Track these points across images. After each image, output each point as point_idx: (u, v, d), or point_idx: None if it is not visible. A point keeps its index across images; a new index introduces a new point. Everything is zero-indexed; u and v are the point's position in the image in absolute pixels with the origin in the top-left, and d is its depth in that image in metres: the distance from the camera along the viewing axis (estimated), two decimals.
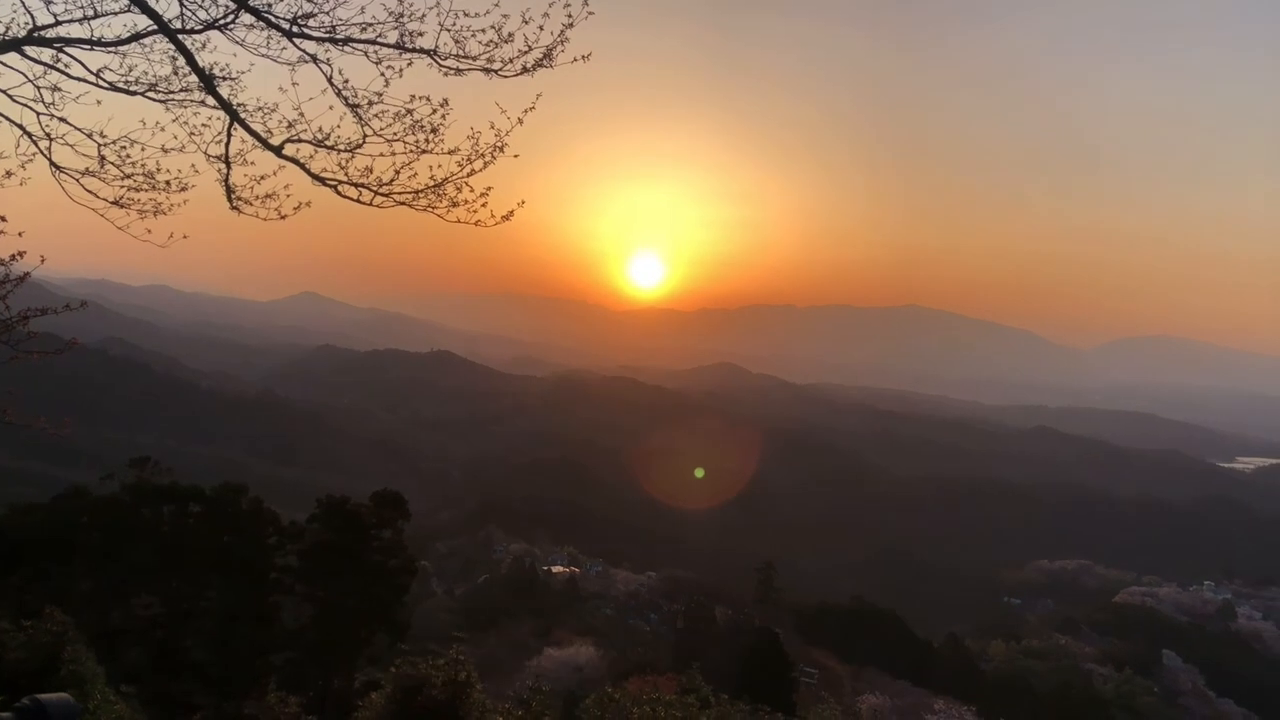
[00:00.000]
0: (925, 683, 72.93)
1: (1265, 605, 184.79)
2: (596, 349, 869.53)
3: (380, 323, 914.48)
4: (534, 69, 8.97)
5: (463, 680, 13.19)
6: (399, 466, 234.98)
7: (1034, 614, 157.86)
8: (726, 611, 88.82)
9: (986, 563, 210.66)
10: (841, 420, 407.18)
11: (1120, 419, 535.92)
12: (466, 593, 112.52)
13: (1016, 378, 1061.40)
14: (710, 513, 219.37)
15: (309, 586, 37.20)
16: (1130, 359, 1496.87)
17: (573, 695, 21.39)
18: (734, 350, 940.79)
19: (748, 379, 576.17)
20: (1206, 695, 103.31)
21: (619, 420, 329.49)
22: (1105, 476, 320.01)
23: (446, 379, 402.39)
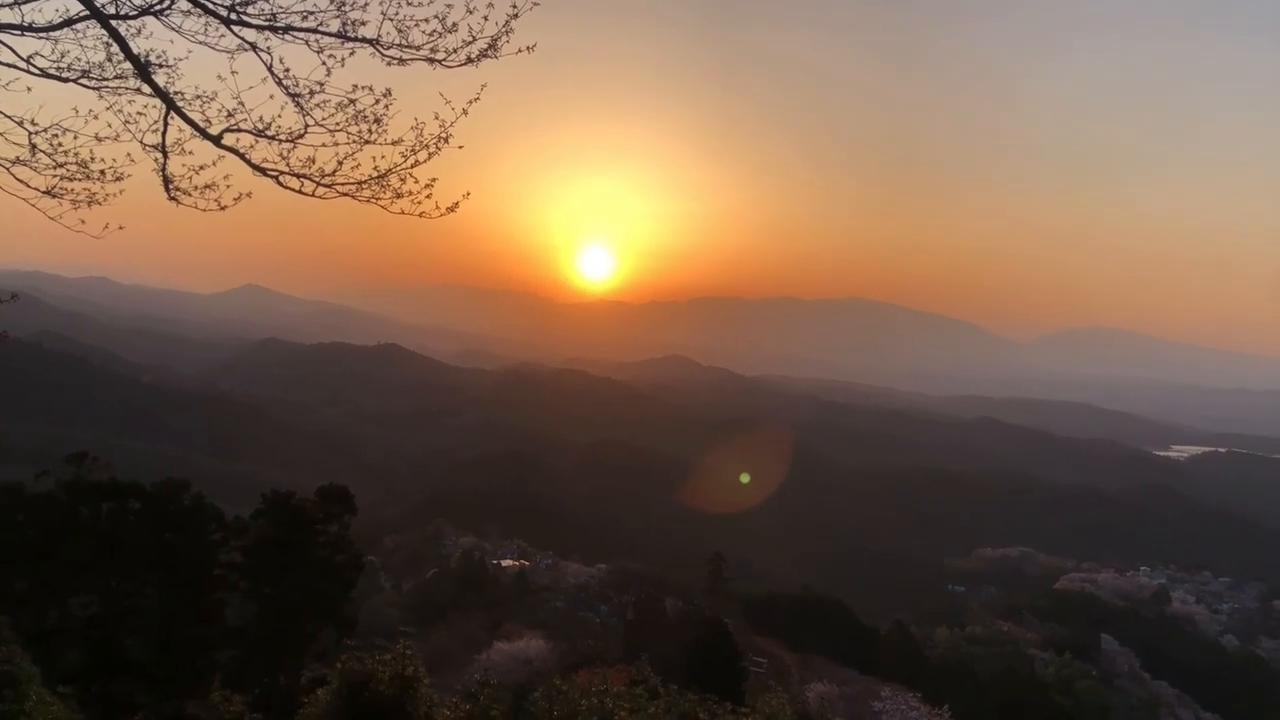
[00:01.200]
0: (872, 670, 73.95)
1: (1198, 589, 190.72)
2: (546, 342, 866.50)
3: (326, 316, 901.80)
4: (479, 59, 8.91)
5: (410, 675, 13.10)
6: (345, 461, 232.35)
7: (978, 601, 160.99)
8: (676, 603, 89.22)
9: (932, 551, 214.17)
10: (792, 412, 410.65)
11: (1059, 409, 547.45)
12: (415, 587, 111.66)
13: (959, 369, 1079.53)
14: (660, 504, 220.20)
15: (253, 583, 36.69)
16: (1068, 350, 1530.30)
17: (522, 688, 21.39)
18: (684, 342, 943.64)
19: (698, 371, 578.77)
20: (1142, 677, 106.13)
21: (569, 413, 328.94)
22: (1046, 465, 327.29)
23: (394, 373, 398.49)
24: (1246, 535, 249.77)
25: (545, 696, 13.82)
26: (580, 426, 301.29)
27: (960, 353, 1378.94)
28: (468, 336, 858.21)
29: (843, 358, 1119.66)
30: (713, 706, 17.57)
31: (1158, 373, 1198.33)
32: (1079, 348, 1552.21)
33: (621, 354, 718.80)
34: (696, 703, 18.00)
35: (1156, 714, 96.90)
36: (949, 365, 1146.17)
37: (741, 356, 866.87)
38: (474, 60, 8.93)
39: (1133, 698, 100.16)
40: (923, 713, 51.34)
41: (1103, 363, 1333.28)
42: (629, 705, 14.61)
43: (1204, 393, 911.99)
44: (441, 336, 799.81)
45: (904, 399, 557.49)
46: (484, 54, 8.90)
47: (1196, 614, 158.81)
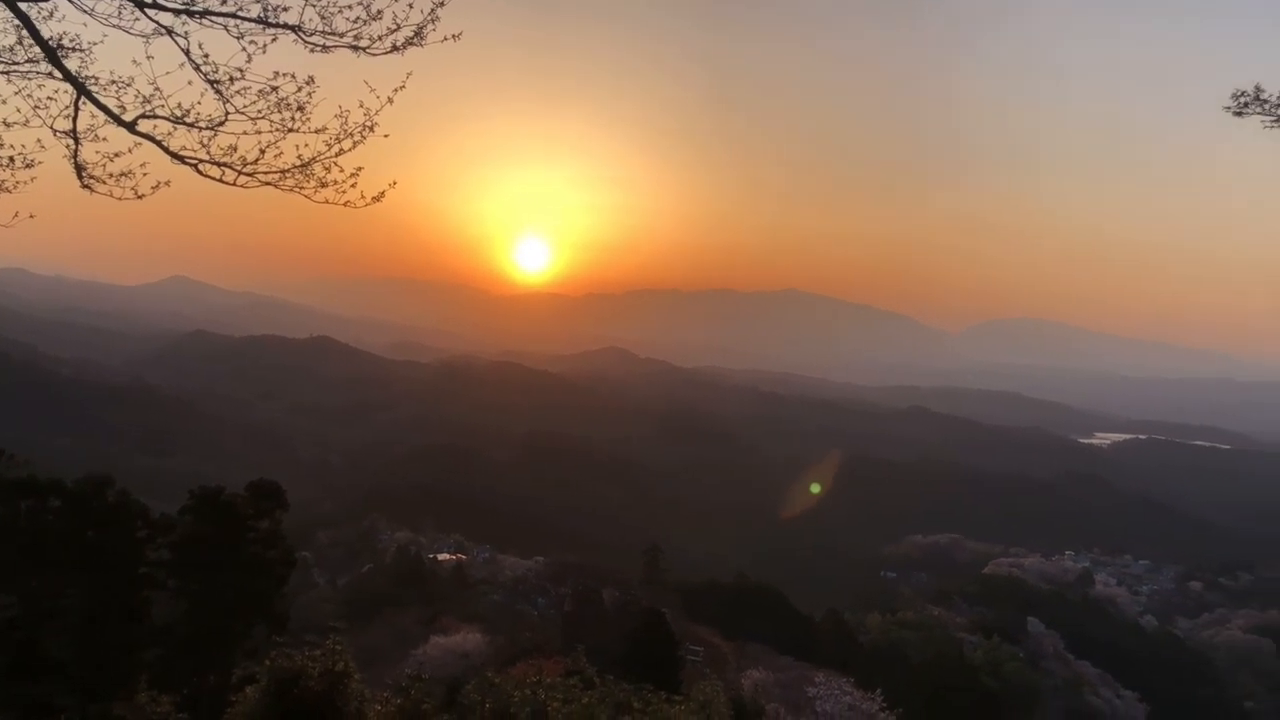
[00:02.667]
0: (807, 657, 74.98)
1: (1119, 572, 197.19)
2: (481, 334, 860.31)
3: (256, 307, 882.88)
4: (404, 47, 8.79)
5: (340, 670, 12.97)
6: (278, 456, 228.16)
7: (909, 587, 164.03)
8: (614, 593, 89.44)
9: (865, 538, 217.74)
10: (728, 403, 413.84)
11: (988, 398, 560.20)
12: (350, 583, 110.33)
13: (891, 360, 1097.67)
14: (599, 496, 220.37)
15: (182, 581, 35.91)
16: (996, 341, 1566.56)
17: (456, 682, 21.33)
18: (621, 335, 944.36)
19: (635, 363, 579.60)
20: (1066, 658, 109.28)
21: (506, 406, 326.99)
22: (975, 453, 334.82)
23: (327, 365, 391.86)
24: (1164, 519, 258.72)
25: (477, 690, 13.79)
26: (517, 419, 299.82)
27: (892, 344, 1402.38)
28: (402, 329, 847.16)
29: (778, 349, 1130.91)
30: (647, 695, 17.70)
31: (1082, 362, 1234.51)
32: (1007, 339, 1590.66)
33: (558, 346, 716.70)
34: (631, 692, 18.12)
35: (1080, 693, 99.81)
36: (881, 356, 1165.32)
37: (678, 348, 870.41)
38: (399, 48, 8.82)
39: (1058, 678, 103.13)
40: (855, 697, 52.18)
41: (1030, 353, 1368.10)
42: (562, 696, 14.65)
43: (1126, 382, 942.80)
44: (375, 329, 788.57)
45: (838, 389, 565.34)
46: (410, 42, 8.80)
47: (1118, 596, 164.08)
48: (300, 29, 8.66)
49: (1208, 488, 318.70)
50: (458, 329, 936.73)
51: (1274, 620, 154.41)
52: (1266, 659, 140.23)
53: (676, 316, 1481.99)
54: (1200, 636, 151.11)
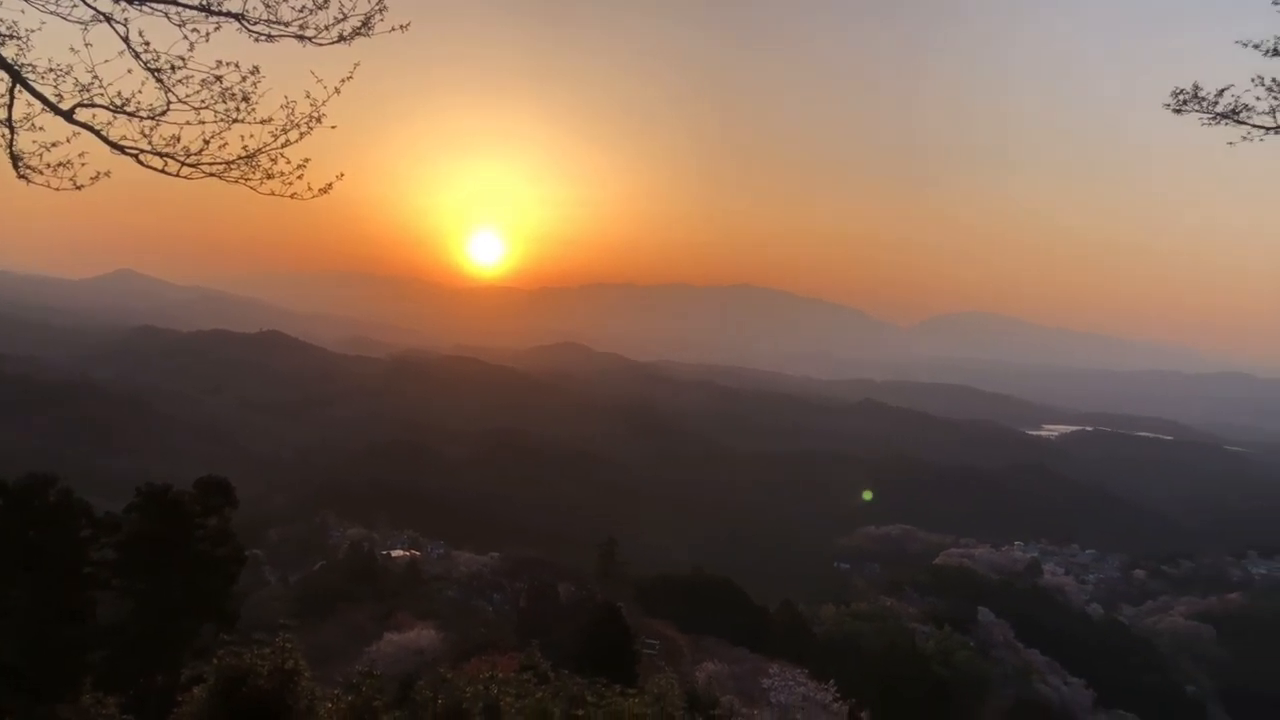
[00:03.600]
0: (761, 648, 75.59)
1: (1067, 561, 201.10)
2: (435, 329, 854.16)
3: (204, 302, 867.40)
4: (351, 37, 8.66)
5: (290, 668, 12.78)
6: (227, 452, 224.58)
7: (862, 578, 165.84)
8: (570, 588, 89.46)
9: (819, 531, 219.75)
10: (684, 397, 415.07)
11: (939, 391, 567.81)
12: (302, 580, 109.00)
13: (844, 354, 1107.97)
14: (555, 491, 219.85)
15: (128, 580, 35.26)
16: (948, 335, 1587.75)
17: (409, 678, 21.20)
18: (576, 329, 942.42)
19: (591, 357, 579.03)
20: (1016, 646, 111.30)
21: (460, 401, 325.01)
22: (926, 446, 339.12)
23: (277, 361, 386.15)
24: (1110, 509, 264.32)
25: (430, 686, 13.70)
26: (472, 414, 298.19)
27: (845, 338, 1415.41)
28: (354, 323, 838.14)
29: (732, 343, 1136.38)
30: (601, 689, 17.71)
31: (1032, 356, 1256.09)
32: (958, 332, 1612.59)
33: (513, 340, 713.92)
34: (585, 686, 18.12)
35: (1029, 681, 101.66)
36: (835, 350, 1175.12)
37: (633, 342, 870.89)
38: (346, 38, 8.69)
39: (1007, 666, 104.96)
40: (810, 688, 52.70)
41: (980, 347, 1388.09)
42: (516, 691, 14.61)
43: (1074, 374, 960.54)
44: (326, 323, 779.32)
45: (792, 383, 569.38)
46: (357, 32, 8.67)
47: (1066, 585, 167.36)
48: (244, 17, 8.50)
49: (1151, 478, 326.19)
50: (410, 323, 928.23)
51: (1214, 607, 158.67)
52: (1207, 644, 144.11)
53: (631, 311, 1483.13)
54: (1144, 623, 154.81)
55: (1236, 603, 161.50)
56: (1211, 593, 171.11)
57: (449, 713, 13.05)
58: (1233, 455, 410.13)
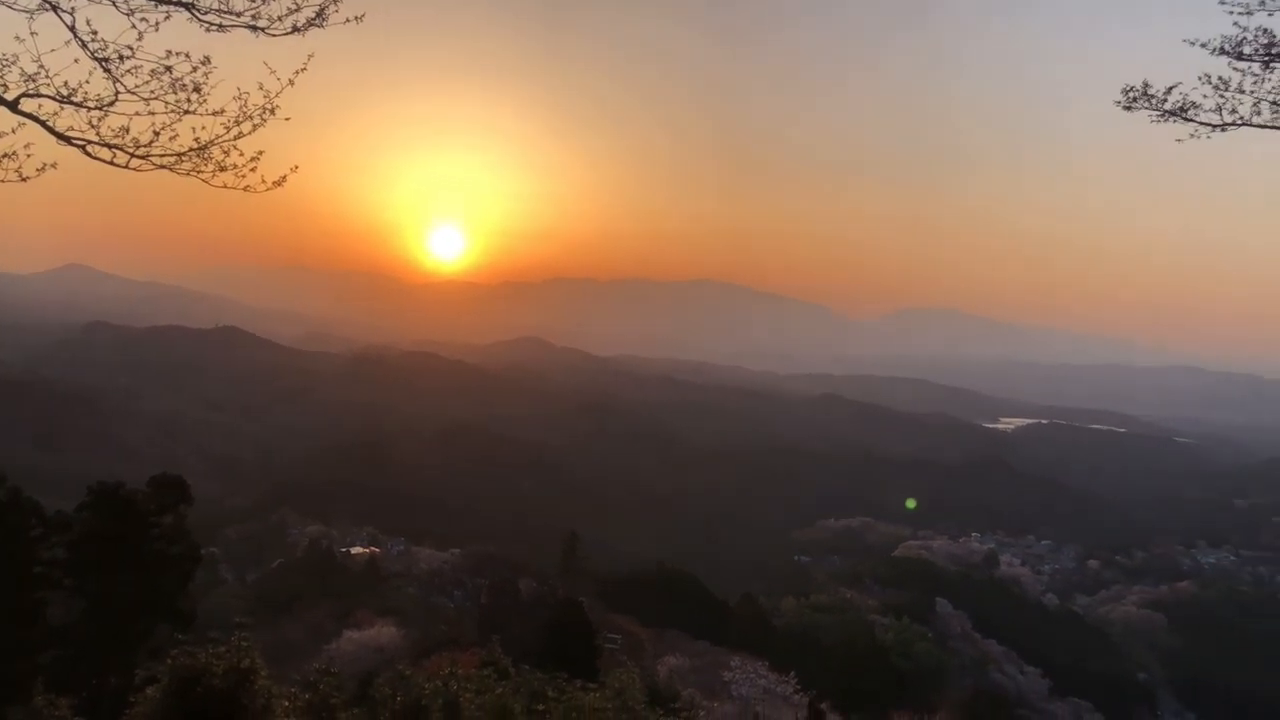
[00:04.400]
0: (723, 641, 75.93)
1: (1023, 552, 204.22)
2: (395, 324, 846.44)
3: (159, 297, 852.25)
4: (305, 28, 8.55)
5: (246, 667, 12.64)
6: (183, 450, 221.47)
7: (822, 570, 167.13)
8: (531, 584, 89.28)
9: (780, 524, 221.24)
10: (646, 392, 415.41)
11: (899, 385, 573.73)
12: (259, 579, 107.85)
13: (805, 348, 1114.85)
14: (516, 487, 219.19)
15: (80, 580, 34.68)
16: (906, 329, 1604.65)
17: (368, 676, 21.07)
18: (537, 323, 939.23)
19: (552, 352, 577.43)
20: (973, 637, 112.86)
21: (420, 397, 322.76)
22: (886, 439, 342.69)
23: (234, 357, 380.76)
24: (1065, 501, 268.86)
25: (389, 683, 13.62)
26: (432, 410, 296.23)
27: (806, 332, 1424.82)
28: (312, 319, 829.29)
29: (694, 338, 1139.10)
30: (562, 684, 17.73)
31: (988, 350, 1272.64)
32: (916, 327, 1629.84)
33: (473, 336, 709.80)
34: (546, 681, 18.12)
35: (986, 671, 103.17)
36: (796, 345, 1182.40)
37: (595, 337, 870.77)
38: (300, 29, 8.57)
39: (965, 656, 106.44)
40: (771, 680, 53.09)
41: (938, 341, 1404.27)
42: (476, 687, 14.56)
43: (1029, 368, 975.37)
44: (284, 319, 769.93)
45: (754, 378, 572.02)
46: (311, 23, 8.56)
47: (1022, 576, 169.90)
48: (194, 7, 8.36)
49: (1105, 470, 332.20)
50: (370, 319, 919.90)
51: (1165, 596, 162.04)
52: (1159, 632, 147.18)
53: (593, 306, 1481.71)
54: (1098, 613, 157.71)
55: (1186, 591, 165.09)
56: (1163, 582, 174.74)
57: (408, 710, 12.98)
58: (1183, 446, 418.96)
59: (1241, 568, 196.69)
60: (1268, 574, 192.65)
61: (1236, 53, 11.08)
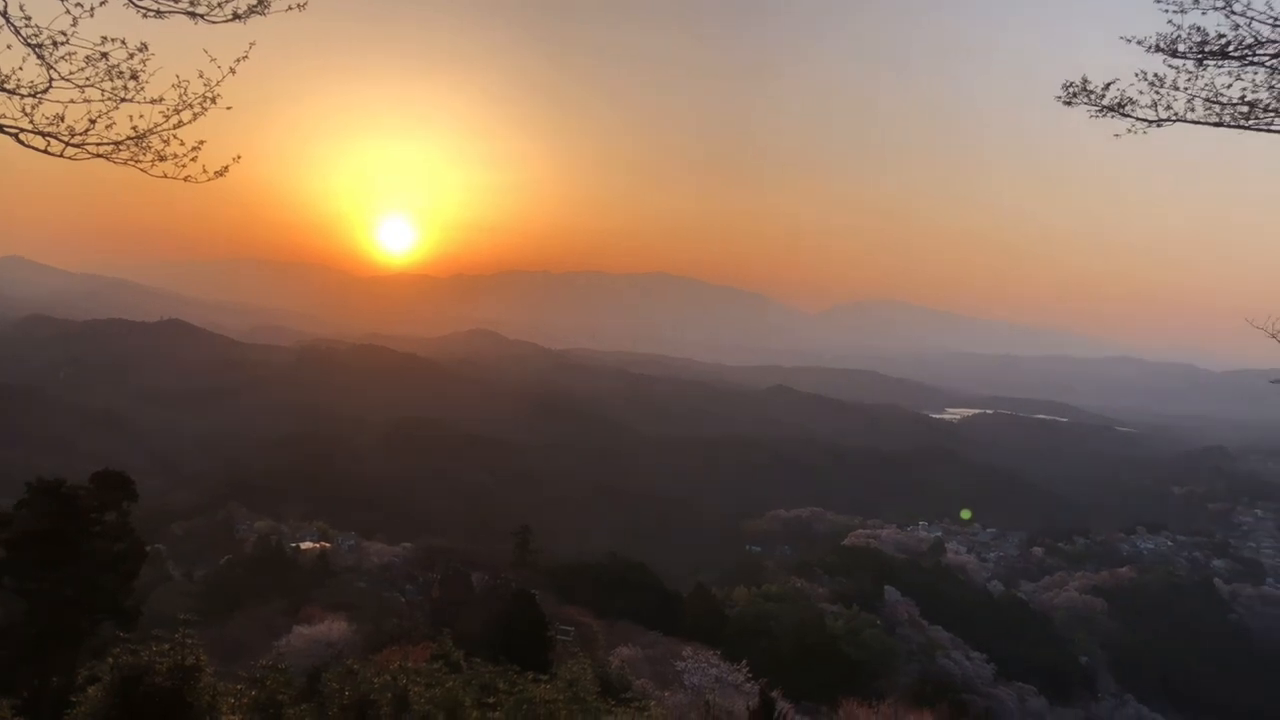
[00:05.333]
0: (676, 631, 76.31)
1: (968, 540, 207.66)
2: (343, 317, 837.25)
3: (101, 291, 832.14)
4: (246, 15, 8.39)
5: (190, 665, 12.46)
6: (127, 445, 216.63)
7: (773, 560, 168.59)
8: (484, 577, 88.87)
9: (732, 514, 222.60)
10: (598, 384, 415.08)
11: (847, 377, 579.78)
12: (207, 575, 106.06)
13: (755, 340, 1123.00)
14: (468, 480, 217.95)
15: (19, 579, 33.86)
16: (856, 322, 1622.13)
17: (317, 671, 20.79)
18: (490, 317, 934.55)
19: (504, 345, 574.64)
20: (921, 624, 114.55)
21: (371, 390, 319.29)
22: (834, 430, 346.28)
23: (180, 350, 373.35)
24: (1009, 489, 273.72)
25: (337, 678, 13.51)
26: (383, 404, 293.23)
27: (757, 325, 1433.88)
28: (260, 311, 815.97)
29: (646, 330, 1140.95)
30: (513, 677, 17.74)
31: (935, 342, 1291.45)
32: (865, 320, 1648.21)
33: (425, 329, 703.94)
34: (497, 674, 18.12)
35: (933, 657, 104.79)
36: (746, 337, 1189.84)
37: (548, 330, 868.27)
38: (241, 16, 8.42)
39: (913, 643, 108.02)
40: (723, 669, 53.36)
41: (886, 333, 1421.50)
42: (426, 680, 14.51)
43: (974, 359, 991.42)
44: (231, 312, 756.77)
45: (705, 370, 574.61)
46: (252, 10, 8.41)
47: (968, 563, 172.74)
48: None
49: (1048, 459, 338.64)
50: (319, 311, 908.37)
51: (1105, 581, 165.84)
52: (1099, 617, 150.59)
53: (546, 298, 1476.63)
54: (1041, 598, 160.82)
55: (1126, 577, 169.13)
56: (1104, 568, 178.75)
57: (356, 704, 12.90)
58: (1123, 436, 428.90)
59: (1178, 553, 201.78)
60: (1203, 559, 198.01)
61: (1171, 50, 11.34)
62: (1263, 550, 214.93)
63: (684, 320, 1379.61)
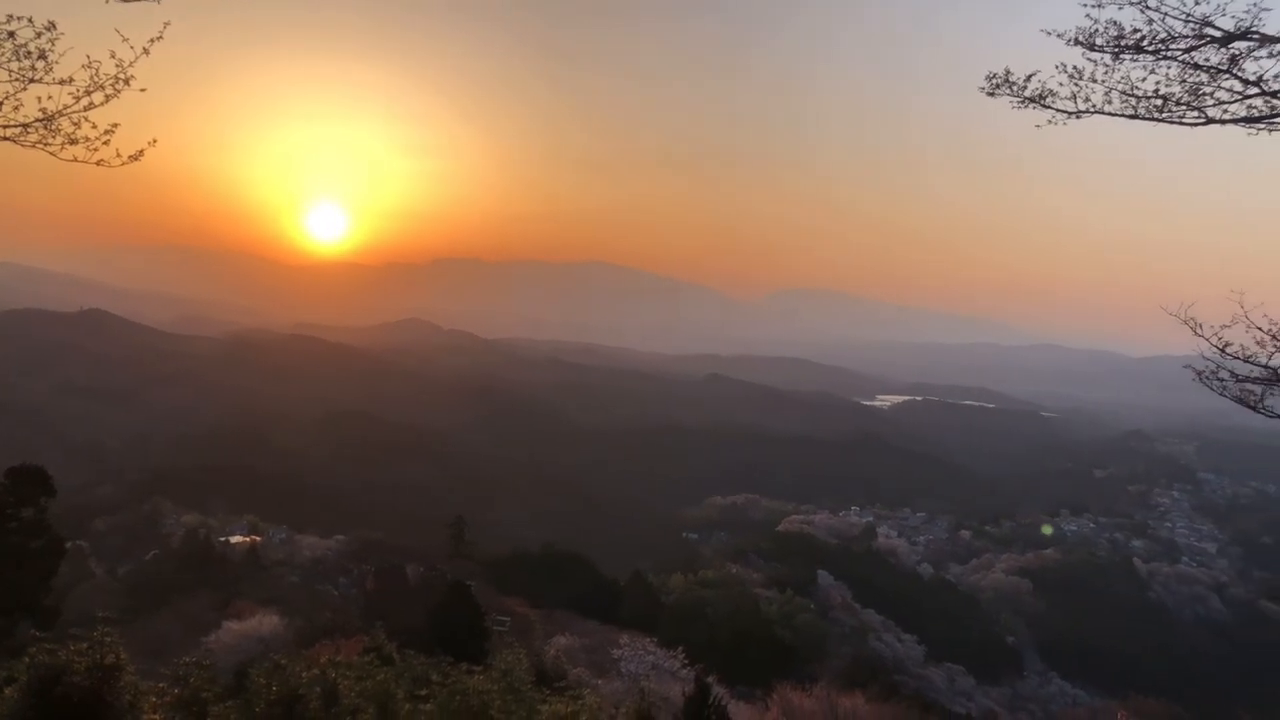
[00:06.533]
0: (613, 620, 76.44)
1: (899, 524, 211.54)
2: (275, 307, 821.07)
3: (14, 279, 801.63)
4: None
5: (110, 664, 12.13)
6: (44, 440, 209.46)
7: (709, 547, 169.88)
8: (418, 569, 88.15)
9: (669, 502, 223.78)
10: (534, 373, 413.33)
11: (782, 365, 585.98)
12: (131, 571, 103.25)
13: (692, 329, 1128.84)
14: (403, 472, 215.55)
15: None
16: (789, 310, 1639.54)
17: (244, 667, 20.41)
18: (424, 306, 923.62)
19: (438, 335, 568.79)
20: (853, 607, 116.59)
21: (302, 381, 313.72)
22: (769, 417, 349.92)
23: (101, 341, 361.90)
24: (938, 474, 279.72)
25: (264, 673, 13.26)
26: (314, 394, 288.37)
27: (692, 313, 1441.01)
28: (186, 301, 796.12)
29: (584, 319, 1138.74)
30: (447, 668, 17.61)
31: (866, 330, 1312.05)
32: (796, 308, 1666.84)
33: (358, 319, 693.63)
34: (430, 665, 17.98)
35: (865, 639, 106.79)
36: (683, 326, 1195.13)
37: (483, 319, 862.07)
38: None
39: (846, 626, 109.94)
40: (659, 656, 53.71)
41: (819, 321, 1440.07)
42: (356, 674, 14.34)
43: (905, 347, 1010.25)
44: (155, 301, 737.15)
45: (642, 359, 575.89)
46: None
47: (898, 547, 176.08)
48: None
49: (976, 444, 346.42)
50: (246, 301, 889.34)
51: (1031, 563, 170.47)
52: (1024, 598, 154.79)
53: (482, 287, 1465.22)
54: (969, 580, 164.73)
55: (1050, 558, 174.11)
56: (1029, 549, 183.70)
57: (283, 700, 12.68)
58: (1047, 421, 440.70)
59: (1099, 534, 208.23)
60: (1122, 540, 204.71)
61: (1090, 44, 11.58)
62: (1178, 530, 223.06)
63: (621, 309, 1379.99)
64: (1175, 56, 11.04)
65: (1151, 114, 11.56)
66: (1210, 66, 10.90)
